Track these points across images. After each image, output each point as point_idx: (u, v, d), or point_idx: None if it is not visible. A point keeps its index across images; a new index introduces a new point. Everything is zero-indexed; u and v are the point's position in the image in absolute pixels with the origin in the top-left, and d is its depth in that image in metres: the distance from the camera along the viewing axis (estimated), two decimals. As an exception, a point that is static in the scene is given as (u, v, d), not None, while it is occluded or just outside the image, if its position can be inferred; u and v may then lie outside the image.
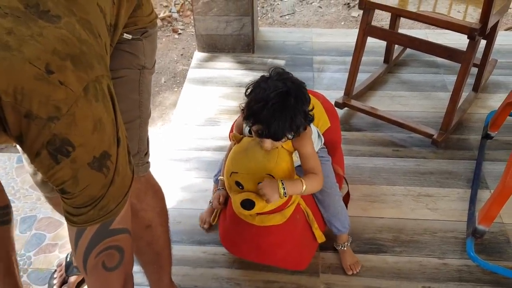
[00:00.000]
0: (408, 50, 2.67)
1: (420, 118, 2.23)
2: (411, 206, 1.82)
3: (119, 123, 0.84)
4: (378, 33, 2.10)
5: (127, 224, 0.94)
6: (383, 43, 2.50)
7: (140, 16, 1.10)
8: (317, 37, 2.89)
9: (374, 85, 2.46)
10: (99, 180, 0.81)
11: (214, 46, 2.76)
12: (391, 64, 2.57)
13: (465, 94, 2.31)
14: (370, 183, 1.92)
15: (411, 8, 1.99)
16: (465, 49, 1.90)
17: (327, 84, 2.50)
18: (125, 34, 1.07)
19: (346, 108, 2.28)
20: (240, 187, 1.31)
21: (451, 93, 2.03)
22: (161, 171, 2.00)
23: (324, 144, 1.66)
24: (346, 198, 1.72)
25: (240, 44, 2.74)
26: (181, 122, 2.28)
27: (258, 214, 1.39)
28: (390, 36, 2.14)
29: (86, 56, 0.75)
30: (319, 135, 1.57)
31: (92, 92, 0.75)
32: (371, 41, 2.17)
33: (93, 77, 0.75)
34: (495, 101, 2.30)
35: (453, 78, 2.03)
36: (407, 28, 3.37)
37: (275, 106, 1.20)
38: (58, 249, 1.82)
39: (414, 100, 2.37)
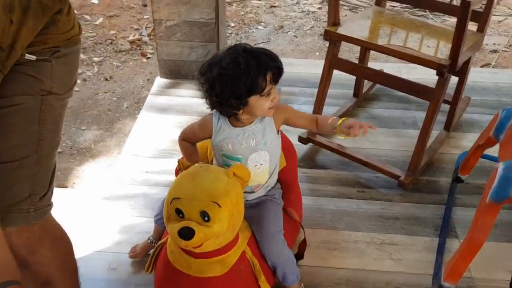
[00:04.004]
0: (379, 84, 2.56)
1: (388, 157, 2.10)
2: (374, 255, 1.66)
3: None
4: (344, 66, 1.98)
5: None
6: (352, 76, 2.38)
7: (54, 33, 0.94)
8: (286, 67, 2.72)
9: (342, 120, 2.33)
10: None
11: (177, 72, 2.61)
12: (361, 98, 2.45)
13: (436, 132, 2.19)
14: (330, 228, 1.76)
15: (381, 41, 1.88)
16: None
17: (294, 116, 2.36)
18: (27, 54, 0.91)
19: (310, 144, 2.13)
20: (181, 215, 1.16)
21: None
22: (99, 207, 1.82)
23: (279, 182, 1.51)
24: (302, 246, 1.55)
25: (205, 71, 2.60)
26: (131, 153, 2.11)
27: (196, 258, 1.23)
28: (357, 70, 2.02)
29: None
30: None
31: None
32: (340, 73, 2.05)
33: None
34: (468, 141, 2.18)
35: (424, 115, 1.91)
36: (382, 61, 3.28)
37: (260, 50, 1.26)
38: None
39: (383, 137, 2.24)
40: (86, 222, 1.76)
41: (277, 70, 1.24)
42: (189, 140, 1.44)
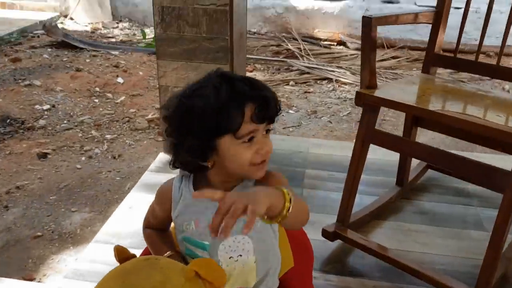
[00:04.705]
0: (431, 172, 2.06)
1: (444, 265, 1.54)
2: None
3: None
4: (383, 139, 1.51)
5: None
6: (396, 159, 1.90)
7: None
8: (314, 147, 2.34)
9: (382, 213, 1.82)
10: None
11: (183, 148, 2.22)
12: (406, 187, 1.94)
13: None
14: None
15: (433, 106, 1.42)
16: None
17: (320, 205, 1.87)
18: None
19: (339, 241, 1.61)
20: None
21: (489, 233, 1.36)
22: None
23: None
24: None
25: (216, 149, 2.20)
26: (104, 240, 1.66)
27: None
28: (400, 144, 1.54)
29: None
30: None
31: None
32: (380, 156, 1.59)
33: None
34: (556, 249, 1.60)
35: (491, 213, 1.40)
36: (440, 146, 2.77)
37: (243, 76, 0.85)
38: None
39: (437, 239, 1.69)
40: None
41: (263, 102, 0.79)
42: (152, 226, 1.01)
